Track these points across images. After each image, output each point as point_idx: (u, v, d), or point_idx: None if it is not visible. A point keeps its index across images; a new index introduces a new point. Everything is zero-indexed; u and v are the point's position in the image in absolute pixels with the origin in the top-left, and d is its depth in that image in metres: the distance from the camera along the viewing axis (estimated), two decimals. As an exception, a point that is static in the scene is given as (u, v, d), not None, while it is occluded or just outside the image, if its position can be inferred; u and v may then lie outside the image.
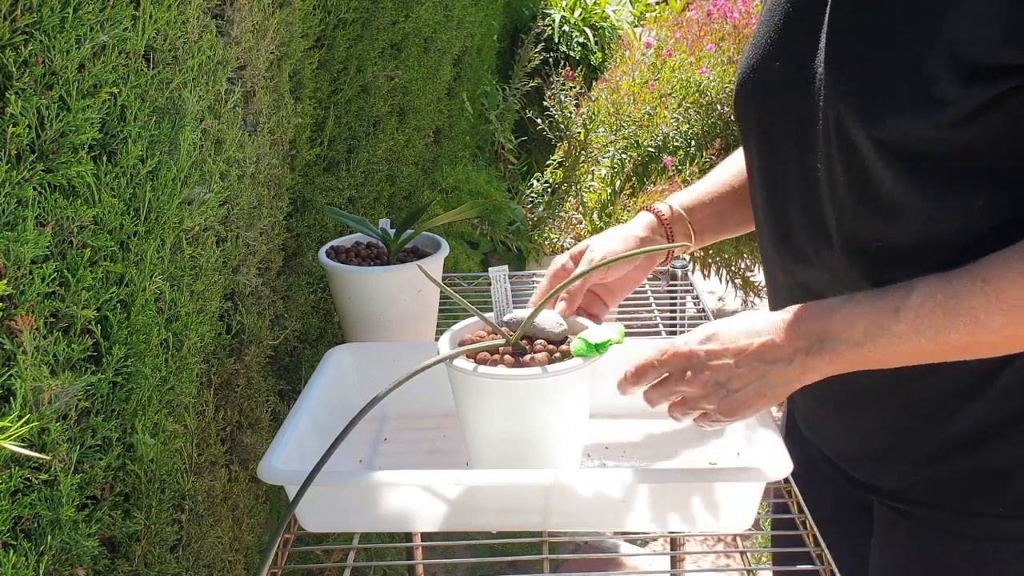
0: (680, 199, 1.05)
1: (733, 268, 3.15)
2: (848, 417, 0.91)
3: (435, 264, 1.24)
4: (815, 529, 0.88)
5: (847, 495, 0.96)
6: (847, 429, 0.92)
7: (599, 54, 4.11)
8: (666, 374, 0.82)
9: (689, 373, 0.79)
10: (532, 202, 3.11)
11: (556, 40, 4.01)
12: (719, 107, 3.09)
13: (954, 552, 0.86)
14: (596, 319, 1.00)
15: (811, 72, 0.79)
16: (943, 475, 0.84)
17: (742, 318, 0.79)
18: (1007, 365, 0.77)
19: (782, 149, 0.85)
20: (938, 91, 0.68)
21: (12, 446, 0.64)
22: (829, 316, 0.74)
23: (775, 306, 0.93)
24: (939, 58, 0.68)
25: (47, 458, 0.74)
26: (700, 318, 1.47)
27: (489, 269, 0.97)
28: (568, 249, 1.03)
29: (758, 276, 3.15)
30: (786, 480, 0.93)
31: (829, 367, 0.75)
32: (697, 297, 1.52)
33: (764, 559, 1.98)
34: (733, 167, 1.07)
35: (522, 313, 0.92)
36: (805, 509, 0.91)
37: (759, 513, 0.86)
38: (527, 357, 0.86)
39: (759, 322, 0.78)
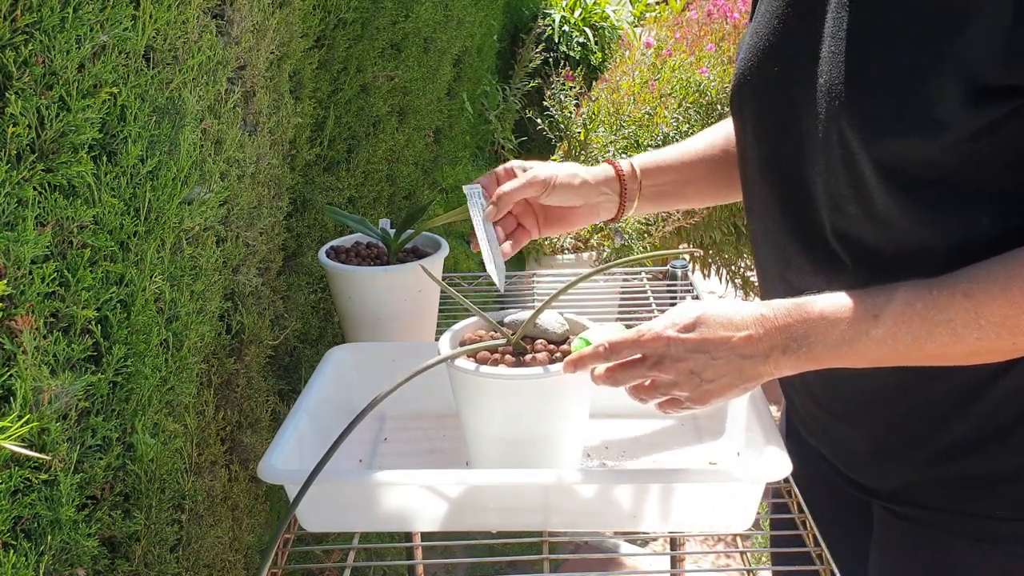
0: (642, 160, 1.05)
1: (733, 268, 3.15)
2: (849, 422, 0.90)
3: (435, 264, 1.24)
4: (815, 529, 0.88)
5: (847, 495, 0.96)
6: (848, 434, 0.91)
7: (599, 54, 4.11)
8: (639, 355, 0.81)
9: (666, 360, 0.78)
10: (532, 202, 3.11)
11: (556, 40, 4.01)
12: (719, 107, 3.09)
13: (951, 553, 0.86)
14: (522, 231, 1.02)
15: (811, 79, 0.78)
16: (943, 478, 0.84)
17: (723, 305, 0.78)
18: (1008, 370, 0.77)
19: (779, 156, 0.85)
20: (942, 113, 0.68)
21: (12, 446, 0.64)
22: (808, 316, 0.75)
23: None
24: (946, 80, 0.67)
25: (47, 458, 0.74)
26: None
27: (464, 187, 0.97)
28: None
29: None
30: (786, 480, 0.93)
31: (804, 365, 0.76)
32: (697, 297, 1.52)
33: (764, 559, 1.98)
34: (706, 140, 1.06)
35: (523, 314, 0.92)
36: (805, 509, 0.91)
37: (759, 513, 0.86)
38: (528, 357, 0.86)
39: (739, 314, 0.77)
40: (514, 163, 1.04)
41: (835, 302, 0.74)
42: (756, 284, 3.18)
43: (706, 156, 1.05)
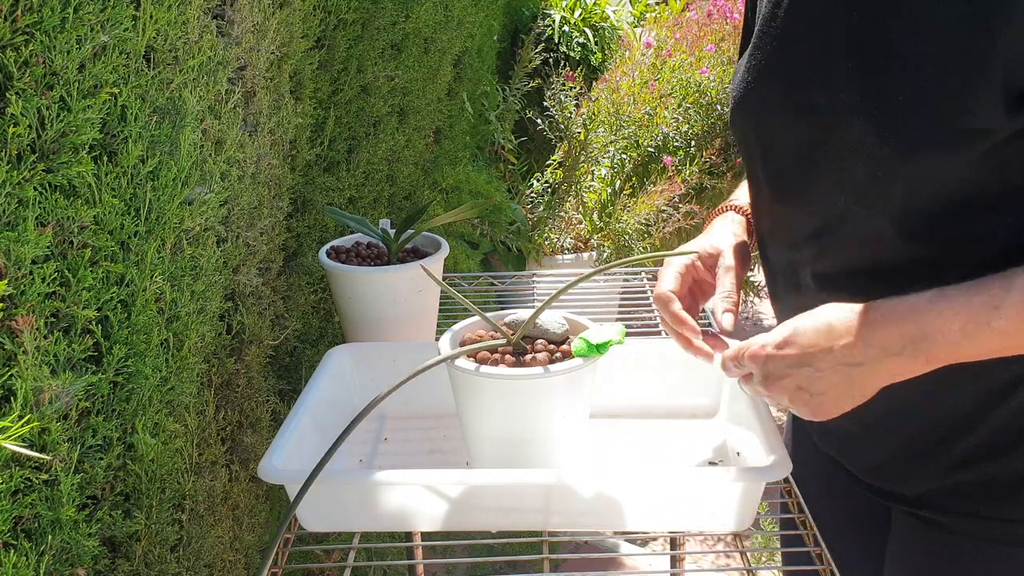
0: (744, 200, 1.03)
1: (733, 268, 3.15)
2: (876, 435, 0.89)
3: (435, 264, 1.24)
4: (815, 529, 0.88)
5: (858, 497, 0.95)
6: (874, 445, 0.90)
7: (599, 54, 4.11)
8: (747, 371, 0.80)
9: (770, 378, 0.77)
10: (532, 202, 3.11)
11: (556, 40, 4.01)
12: (719, 107, 3.09)
13: (977, 556, 0.85)
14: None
15: (818, 98, 0.77)
16: (967, 483, 0.84)
17: (815, 316, 0.76)
18: None
19: (788, 174, 0.84)
20: (983, 121, 0.68)
21: (13, 446, 0.64)
22: (921, 316, 0.71)
23: (784, 314, 0.93)
24: (986, 89, 0.67)
25: (48, 458, 0.75)
26: (700, 318, 1.47)
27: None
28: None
29: (758, 276, 3.16)
30: (786, 480, 0.93)
31: (924, 367, 0.73)
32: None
33: (764, 559, 1.98)
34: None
35: (523, 313, 0.92)
36: (805, 509, 0.91)
37: (759, 513, 0.86)
38: (528, 357, 0.86)
39: (835, 321, 0.74)
40: (696, 255, 0.99)
41: (947, 298, 0.71)
42: (756, 284, 3.18)
43: None
